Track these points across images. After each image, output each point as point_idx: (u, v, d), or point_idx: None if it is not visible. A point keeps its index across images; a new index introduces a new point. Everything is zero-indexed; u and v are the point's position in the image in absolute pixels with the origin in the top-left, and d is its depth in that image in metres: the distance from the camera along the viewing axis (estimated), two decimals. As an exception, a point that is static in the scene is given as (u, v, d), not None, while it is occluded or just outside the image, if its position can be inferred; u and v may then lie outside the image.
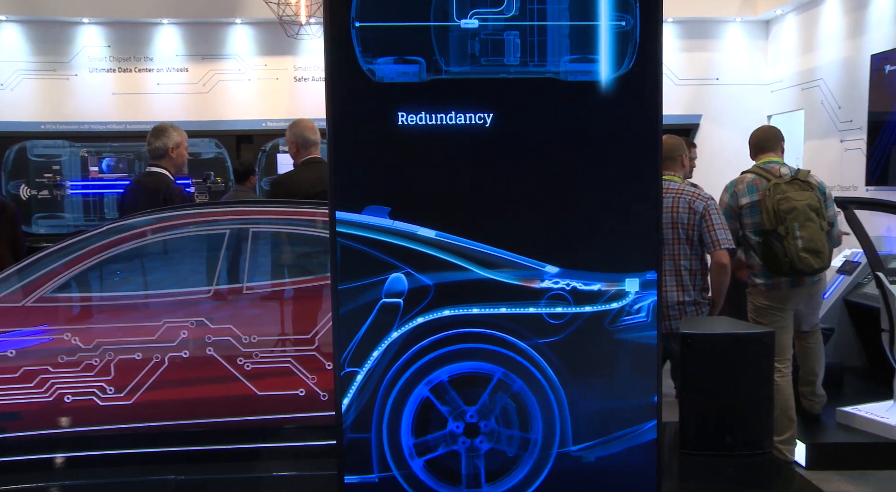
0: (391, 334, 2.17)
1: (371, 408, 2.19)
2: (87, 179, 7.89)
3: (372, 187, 2.17)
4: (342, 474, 2.24)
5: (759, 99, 8.19)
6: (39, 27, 7.76)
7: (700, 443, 2.99)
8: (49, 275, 3.28)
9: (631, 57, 2.17)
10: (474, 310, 2.20)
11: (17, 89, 7.84)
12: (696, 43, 8.17)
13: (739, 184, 4.06)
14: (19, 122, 7.80)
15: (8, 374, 3.13)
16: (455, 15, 2.14)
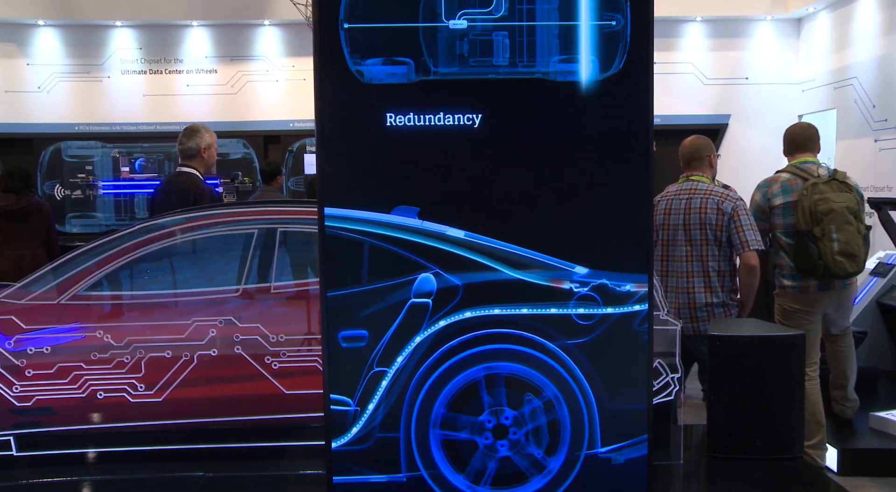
0: (420, 334, 2.17)
1: (399, 408, 2.20)
2: (119, 179, 8.02)
3: (359, 186, 2.17)
4: (331, 475, 2.24)
5: (790, 98, 8.07)
6: (74, 31, 7.91)
7: (729, 446, 2.96)
8: (82, 273, 3.34)
9: (621, 57, 2.15)
10: (503, 310, 2.19)
11: (53, 92, 8.01)
12: (725, 42, 8.07)
13: (773, 184, 3.97)
14: (54, 123, 7.96)
15: (43, 370, 3.20)
16: (443, 15, 2.13)
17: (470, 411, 2.25)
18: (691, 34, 8.02)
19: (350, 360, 2.18)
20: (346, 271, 2.17)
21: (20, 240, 5.40)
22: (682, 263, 3.85)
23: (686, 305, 3.83)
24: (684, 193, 3.90)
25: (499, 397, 2.24)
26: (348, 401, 2.19)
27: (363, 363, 2.18)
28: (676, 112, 7.95)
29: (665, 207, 3.92)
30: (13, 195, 5.41)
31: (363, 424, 2.20)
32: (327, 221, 2.14)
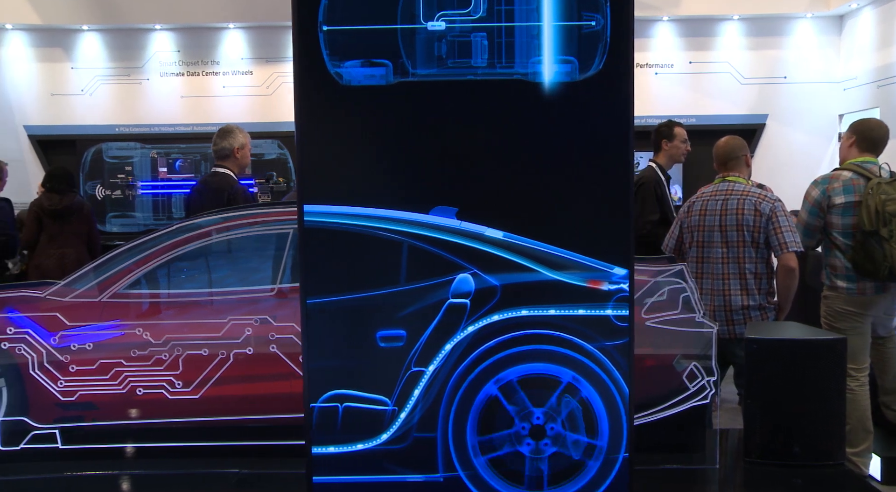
0: (458, 335, 2.18)
1: (437, 408, 2.20)
2: (157, 179, 8.16)
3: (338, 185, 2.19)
4: (310, 474, 2.25)
5: (830, 97, 7.90)
6: (116, 35, 8.07)
7: (766, 451, 2.91)
8: (123, 272, 3.41)
9: (601, 57, 2.12)
10: (542, 311, 2.19)
11: (95, 94, 8.18)
12: (762, 40, 7.93)
13: (834, 181, 3.85)
14: (96, 125, 8.14)
15: (86, 366, 3.27)
16: (422, 17, 2.13)
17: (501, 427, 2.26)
18: (728, 33, 7.90)
19: (388, 359, 2.19)
20: (380, 271, 2.18)
21: (63, 238, 5.54)
22: (717, 264, 3.80)
23: (721, 307, 3.78)
24: (720, 194, 3.85)
25: (522, 402, 2.24)
26: (386, 400, 2.20)
27: (401, 363, 2.19)
28: (712, 112, 7.85)
29: (700, 208, 3.88)
30: (56, 195, 5.56)
31: (400, 423, 2.21)
32: (365, 220, 2.16)
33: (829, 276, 3.94)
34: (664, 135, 4.80)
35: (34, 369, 3.26)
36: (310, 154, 2.18)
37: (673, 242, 4.06)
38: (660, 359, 3.24)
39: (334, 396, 2.20)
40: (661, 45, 7.92)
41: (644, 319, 3.22)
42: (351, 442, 2.23)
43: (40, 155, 8.19)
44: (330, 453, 2.23)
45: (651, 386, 3.22)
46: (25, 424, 3.27)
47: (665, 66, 7.92)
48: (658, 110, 7.64)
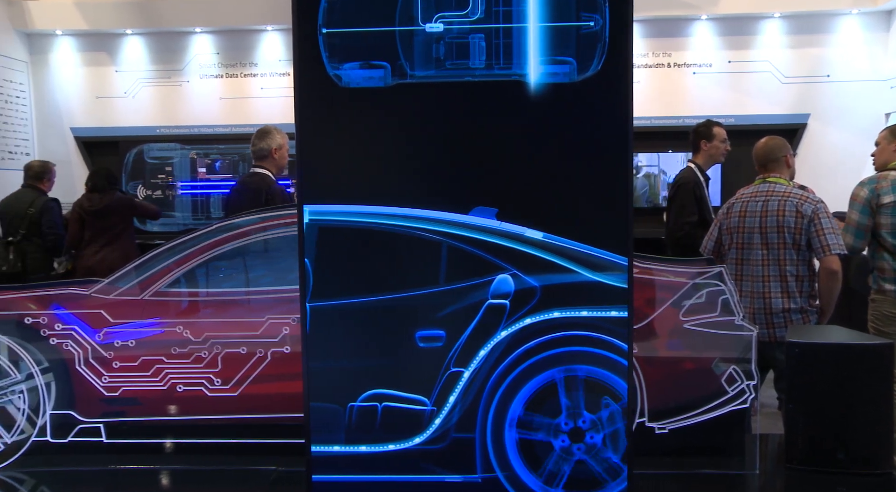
0: (497, 335, 2.18)
1: (475, 408, 2.20)
2: (196, 179, 8.29)
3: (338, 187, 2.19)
4: (309, 473, 2.26)
5: (876, 96, 7.69)
6: (158, 38, 8.24)
7: (808, 457, 2.85)
8: (163, 271, 3.48)
9: (600, 58, 2.10)
10: (582, 312, 2.18)
11: (138, 97, 8.36)
12: (805, 38, 7.77)
13: (882, 180, 3.81)
14: (138, 126, 8.31)
15: (129, 362, 3.35)
16: (420, 19, 2.12)
17: (547, 413, 2.25)
18: (769, 31, 7.75)
19: (427, 360, 2.20)
20: (423, 271, 2.19)
21: (105, 237, 5.66)
22: (757, 266, 3.74)
23: (761, 310, 3.72)
24: (760, 195, 3.79)
25: (576, 400, 2.23)
26: (425, 400, 2.21)
27: (440, 363, 2.20)
28: (751, 112, 7.71)
29: (740, 209, 3.82)
30: (97, 195, 5.68)
31: (439, 424, 2.22)
32: (401, 220, 2.17)
33: (877, 279, 3.85)
34: (703, 135, 4.73)
35: (80, 364, 3.34)
36: (310, 155, 2.20)
37: (711, 244, 4.00)
38: (698, 362, 3.20)
39: (373, 395, 2.22)
40: (699, 44, 7.81)
41: (682, 322, 3.18)
42: (389, 441, 2.24)
43: (85, 156, 8.40)
44: (367, 452, 2.24)
45: (689, 389, 3.18)
46: (72, 417, 3.36)
47: (703, 66, 7.81)
48: (696, 110, 7.54)
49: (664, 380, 3.18)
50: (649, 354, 3.16)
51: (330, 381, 2.22)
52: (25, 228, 5.65)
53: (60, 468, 3.33)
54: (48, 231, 5.70)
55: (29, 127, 8.26)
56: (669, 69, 7.86)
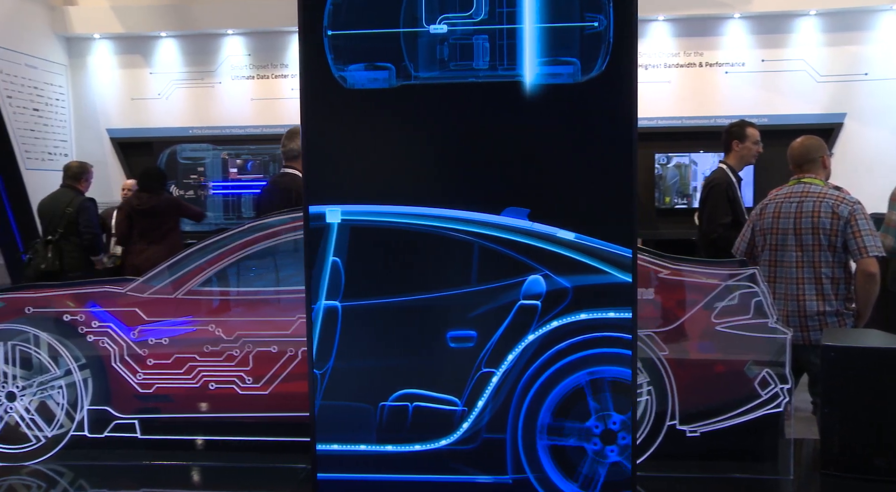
0: (528, 336, 2.17)
1: (507, 409, 2.20)
2: (227, 179, 8.39)
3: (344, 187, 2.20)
4: (315, 471, 2.28)
5: (916, 95, 7.53)
6: (191, 40, 8.36)
7: (845, 463, 2.80)
8: (196, 270, 3.53)
9: (604, 58, 2.08)
10: (614, 314, 2.16)
11: (171, 98, 8.49)
12: (841, 36, 7.62)
13: None
14: (171, 127, 8.44)
15: (162, 360, 3.41)
16: (424, 20, 2.12)
17: (577, 416, 2.24)
18: (804, 29, 7.62)
19: (458, 360, 2.20)
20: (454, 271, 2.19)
21: (152, 236, 5.79)
22: (791, 268, 3.68)
23: (795, 312, 3.66)
24: (795, 196, 3.73)
25: (605, 402, 2.21)
26: (456, 401, 2.21)
27: (471, 364, 2.20)
28: (785, 112, 7.59)
29: (773, 210, 3.76)
30: (146, 194, 5.81)
31: (470, 424, 2.22)
32: (435, 220, 2.18)
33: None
34: (735, 135, 4.67)
35: (115, 361, 3.41)
36: (316, 156, 2.22)
37: (744, 246, 3.95)
38: (730, 365, 3.16)
39: (404, 395, 2.23)
40: (731, 43, 7.71)
41: (714, 324, 3.15)
42: (420, 441, 2.24)
43: (121, 157, 8.55)
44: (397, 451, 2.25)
45: (721, 392, 3.15)
46: (108, 413, 3.43)
47: (736, 65, 7.70)
48: (728, 110, 7.44)
49: (695, 382, 3.15)
50: (680, 356, 3.14)
51: (361, 380, 2.23)
52: (63, 227, 5.77)
53: (97, 463, 3.40)
54: (85, 230, 5.82)
55: (67, 128, 8.44)
56: (701, 69, 7.76)
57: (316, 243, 2.22)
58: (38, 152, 7.88)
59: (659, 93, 7.78)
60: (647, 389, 3.14)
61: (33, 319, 3.45)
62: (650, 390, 3.13)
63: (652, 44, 7.78)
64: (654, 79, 7.77)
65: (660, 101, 7.77)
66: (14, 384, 3.49)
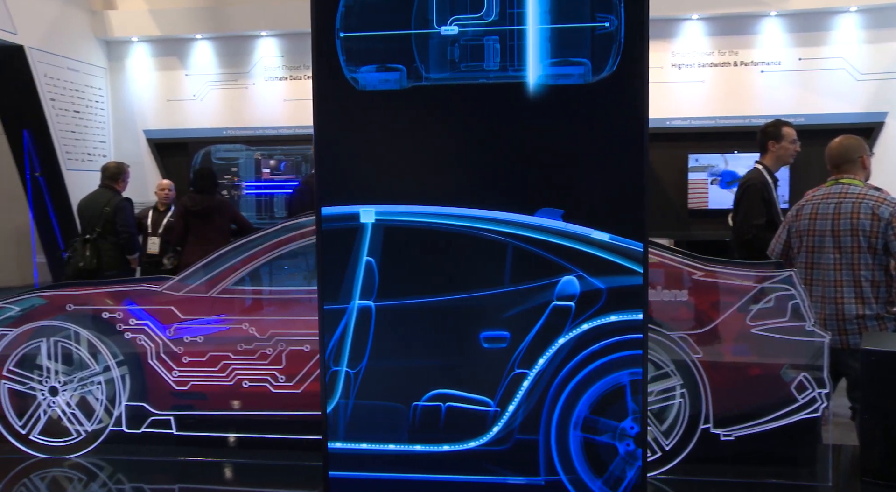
0: (562, 337, 2.17)
1: (539, 410, 2.19)
2: (260, 179, 8.49)
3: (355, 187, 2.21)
4: (326, 470, 2.28)
5: (960, 92, 7.33)
6: (225, 42, 8.48)
7: (885, 471, 2.74)
8: (230, 269, 3.58)
9: (615, 59, 2.06)
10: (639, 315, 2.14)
11: (206, 99, 8.62)
12: (883, 33, 7.44)
13: None
14: (206, 128, 8.57)
15: (197, 358, 3.46)
16: (435, 22, 2.12)
17: (612, 417, 2.22)
18: (843, 26, 7.46)
19: (491, 361, 2.20)
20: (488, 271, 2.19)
21: (206, 236, 5.91)
22: (829, 271, 3.61)
23: (833, 316, 3.59)
24: (833, 197, 3.66)
25: (641, 405, 2.20)
26: (489, 401, 2.21)
27: (504, 364, 2.19)
28: (823, 111, 7.44)
29: (811, 211, 3.69)
30: (199, 195, 5.94)
31: (503, 425, 2.22)
32: (469, 221, 2.18)
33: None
34: (771, 135, 4.59)
35: (152, 358, 3.48)
36: (328, 157, 2.24)
37: (780, 247, 3.89)
38: (766, 368, 3.12)
39: (437, 395, 2.23)
40: (767, 41, 7.58)
41: (749, 327, 3.11)
42: (452, 441, 2.25)
43: (156, 157, 8.71)
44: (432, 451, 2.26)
45: (756, 396, 3.11)
46: (145, 409, 3.49)
47: (772, 64, 7.58)
48: (764, 110, 7.32)
49: (730, 385, 3.11)
50: (714, 359, 3.10)
51: (394, 380, 2.24)
52: (101, 226, 5.89)
53: (135, 458, 3.47)
54: (121, 229, 5.94)
55: (106, 130, 8.62)
56: (736, 68, 7.65)
57: (330, 245, 2.24)
58: (79, 153, 8.06)
59: (692, 93, 7.69)
60: (679, 391, 3.11)
61: (74, 317, 3.53)
62: (683, 393, 3.10)
63: (685, 43, 7.70)
64: (688, 78, 7.68)
65: (693, 102, 7.68)
66: (56, 379, 3.58)
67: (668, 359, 3.12)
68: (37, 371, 3.57)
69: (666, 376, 3.13)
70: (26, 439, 3.55)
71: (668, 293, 3.15)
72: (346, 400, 2.26)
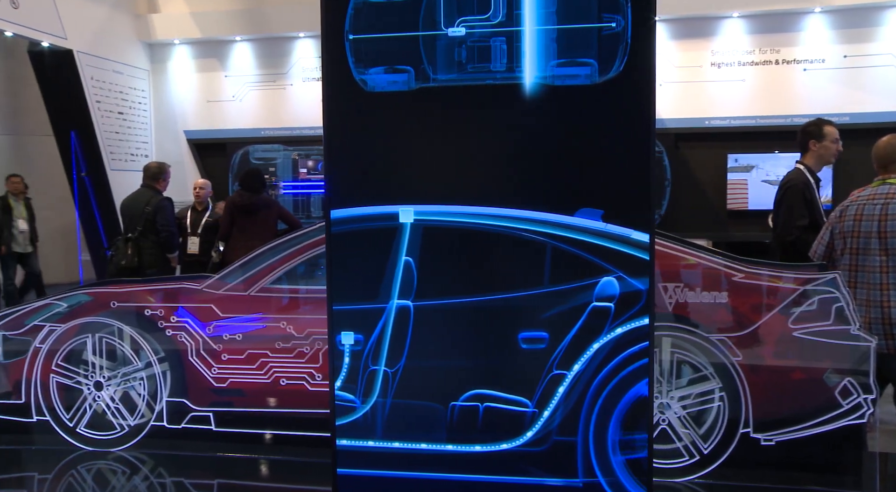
0: (601, 339, 2.15)
1: (578, 412, 2.18)
2: (297, 179, 8.58)
3: (365, 188, 2.22)
4: (335, 466, 2.29)
5: None
6: (264, 44, 8.59)
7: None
8: (268, 268, 3.62)
9: (622, 59, 2.04)
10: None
11: (245, 100, 8.75)
12: (931, 28, 7.23)
13: None
14: (245, 129, 8.70)
15: (236, 355, 3.51)
16: (443, 24, 2.13)
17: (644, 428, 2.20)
18: (891, 22, 7.27)
19: (529, 361, 2.19)
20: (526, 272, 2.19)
21: (252, 231, 6.03)
22: (875, 273, 3.52)
23: (879, 319, 3.50)
24: (879, 198, 3.56)
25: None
26: (527, 402, 2.21)
27: (542, 365, 2.19)
28: (869, 109, 7.26)
29: (855, 212, 3.61)
30: (248, 193, 6.06)
31: (541, 426, 2.21)
32: (506, 221, 2.18)
33: None
34: (812, 135, 4.49)
35: (192, 355, 3.54)
36: (337, 158, 2.26)
37: (822, 249, 3.80)
38: (808, 372, 3.05)
39: (475, 395, 2.23)
40: (810, 39, 7.43)
41: (792, 330, 3.05)
42: (490, 442, 2.25)
43: (196, 157, 8.86)
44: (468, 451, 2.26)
45: (798, 400, 3.04)
46: (185, 405, 3.56)
47: (815, 62, 7.42)
48: (806, 109, 7.17)
49: (770, 389, 3.05)
50: (755, 362, 3.04)
51: (432, 379, 2.25)
52: (142, 225, 6.01)
53: (175, 452, 3.54)
54: (161, 228, 6.05)
55: (148, 131, 8.80)
56: (777, 66, 7.51)
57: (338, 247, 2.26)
58: (122, 154, 8.25)
59: (732, 92, 7.57)
60: (718, 394, 3.06)
61: (118, 313, 3.61)
62: (722, 396, 3.06)
63: (725, 41, 7.58)
64: (728, 78, 7.56)
65: (733, 101, 7.56)
66: (101, 374, 3.66)
67: (706, 361, 3.07)
68: (83, 366, 3.66)
69: (704, 378, 3.09)
70: (74, 431, 3.64)
71: (707, 295, 3.10)
72: (384, 399, 2.27)
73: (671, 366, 3.09)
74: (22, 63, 8.09)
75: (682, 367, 3.13)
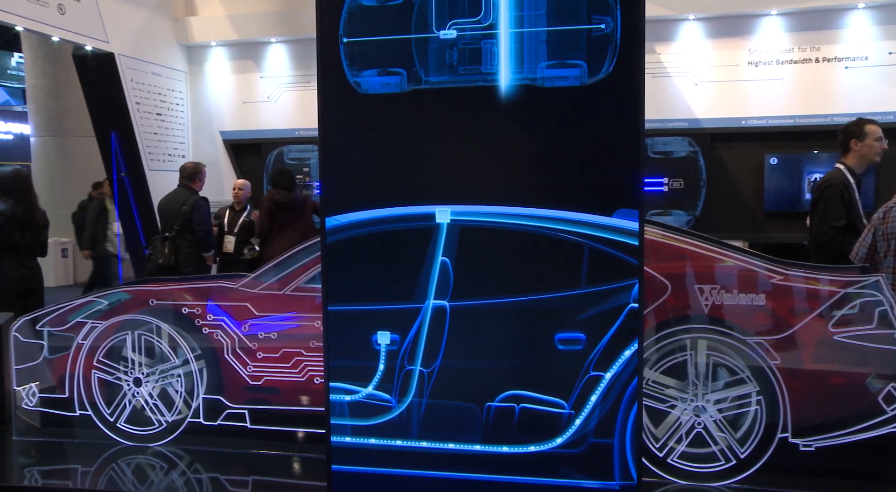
0: (638, 340, 2.14)
1: (615, 414, 2.17)
2: (330, 180, 8.63)
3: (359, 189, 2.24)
4: (329, 464, 2.32)
5: None
6: (299, 45, 8.67)
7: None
8: (302, 268, 3.66)
9: (611, 61, 2.04)
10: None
11: (280, 101, 8.85)
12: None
13: None
14: (279, 129, 8.79)
15: (271, 353, 3.56)
16: (434, 26, 2.15)
17: None
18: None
19: (566, 362, 2.19)
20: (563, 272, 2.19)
21: (291, 228, 6.14)
22: (920, 277, 3.44)
23: (924, 324, 3.41)
24: (925, 200, 3.48)
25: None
26: (563, 403, 2.20)
27: (579, 367, 2.18)
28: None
29: (899, 214, 3.53)
30: (284, 191, 6.16)
31: (577, 428, 2.20)
32: (537, 221, 2.18)
33: None
34: (853, 134, 4.40)
35: (228, 353, 3.59)
36: (333, 159, 2.27)
37: (864, 251, 3.72)
38: (849, 377, 2.99)
39: (511, 396, 2.23)
40: (853, 36, 7.25)
41: (832, 333, 2.99)
42: (526, 443, 2.24)
43: (232, 158, 8.98)
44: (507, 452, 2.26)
45: (838, 406, 2.98)
46: (221, 403, 3.61)
47: (858, 59, 7.25)
48: (847, 108, 7.01)
49: (810, 394, 2.99)
50: (793, 366, 2.99)
51: (468, 380, 2.25)
52: (179, 224, 6.11)
53: (212, 448, 3.59)
54: (197, 228, 6.15)
55: (185, 131, 8.95)
56: (818, 64, 7.35)
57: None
58: (160, 154, 8.40)
59: (770, 90, 7.43)
60: (755, 398, 3.01)
61: (156, 311, 3.68)
62: (759, 400, 3.01)
63: (763, 40, 7.44)
64: (765, 76, 7.43)
65: (771, 100, 7.43)
66: (140, 371, 3.74)
67: (743, 365, 3.03)
68: (122, 363, 3.74)
69: (741, 382, 3.04)
70: (114, 426, 3.72)
71: (744, 297, 3.06)
72: (420, 399, 2.28)
73: (707, 368, 3.05)
74: (66, 67, 8.27)
75: (718, 370, 3.09)
